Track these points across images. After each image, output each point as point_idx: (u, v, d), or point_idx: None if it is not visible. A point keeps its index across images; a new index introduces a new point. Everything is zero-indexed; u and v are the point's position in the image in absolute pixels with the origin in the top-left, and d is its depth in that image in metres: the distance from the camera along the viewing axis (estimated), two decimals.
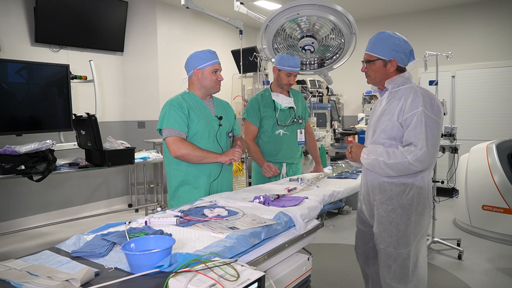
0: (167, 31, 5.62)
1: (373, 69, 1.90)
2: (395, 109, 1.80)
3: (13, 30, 4.35)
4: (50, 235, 4.27)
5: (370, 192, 1.94)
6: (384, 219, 1.85)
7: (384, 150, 1.76)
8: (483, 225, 3.90)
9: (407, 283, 1.83)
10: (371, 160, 1.78)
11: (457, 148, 3.57)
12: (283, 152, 2.81)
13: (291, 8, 2.71)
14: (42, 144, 3.24)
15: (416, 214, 1.81)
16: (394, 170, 1.75)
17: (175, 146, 2.07)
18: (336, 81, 3.64)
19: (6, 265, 1.19)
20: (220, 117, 2.25)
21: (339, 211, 4.84)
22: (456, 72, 5.55)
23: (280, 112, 2.80)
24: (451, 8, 5.97)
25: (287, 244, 1.58)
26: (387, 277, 1.87)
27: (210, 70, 2.17)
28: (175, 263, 1.09)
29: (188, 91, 2.26)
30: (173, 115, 2.11)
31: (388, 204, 1.84)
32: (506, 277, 3.03)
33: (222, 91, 2.31)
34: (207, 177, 2.21)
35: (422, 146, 1.69)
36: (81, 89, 4.93)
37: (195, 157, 2.08)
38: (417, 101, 1.74)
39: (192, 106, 2.17)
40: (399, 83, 1.86)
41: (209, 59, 2.17)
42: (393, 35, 1.87)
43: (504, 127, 5.17)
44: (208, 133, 2.17)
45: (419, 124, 1.71)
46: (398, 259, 1.83)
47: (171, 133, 2.10)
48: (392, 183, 1.83)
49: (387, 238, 1.84)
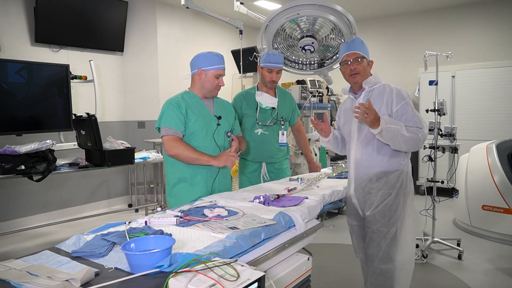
0: (167, 31, 5.62)
1: (363, 66, 2.07)
2: (380, 106, 1.99)
3: (13, 30, 4.35)
4: (50, 235, 4.27)
5: (366, 184, 2.07)
6: (379, 203, 2.03)
7: (403, 125, 1.93)
8: (483, 225, 3.90)
9: (393, 261, 2.02)
10: (393, 129, 1.89)
11: (457, 148, 3.57)
12: (261, 152, 2.81)
13: (291, 8, 2.70)
14: (42, 144, 3.24)
15: (403, 195, 2.05)
16: (407, 144, 1.93)
17: (169, 145, 2.12)
18: (336, 81, 3.63)
19: (6, 265, 1.19)
20: (219, 116, 2.26)
21: (339, 211, 4.84)
22: (456, 72, 5.55)
23: (261, 112, 2.79)
24: (451, 8, 5.97)
25: (287, 244, 1.58)
26: (375, 259, 2.04)
27: (213, 74, 2.19)
28: (175, 263, 1.09)
29: (188, 90, 2.28)
30: (171, 114, 2.14)
31: (384, 189, 2.03)
32: (506, 277, 3.03)
33: (222, 91, 2.31)
34: (205, 175, 2.21)
35: (424, 128, 1.97)
36: (81, 89, 4.93)
37: (187, 157, 2.11)
38: (401, 94, 2.00)
39: (190, 105, 2.19)
40: (373, 82, 2.07)
41: (216, 63, 2.19)
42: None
43: (504, 127, 5.17)
44: (205, 132, 2.19)
45: (415, 111, 1.98)
46: (387, 237, 2.02)
47: (167, 132, 2.13)
48: (388, 172, 2.03)
49: (380, 219, 2.03)
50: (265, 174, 2.85)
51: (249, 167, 2.87)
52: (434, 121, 3.57)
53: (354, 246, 2.31)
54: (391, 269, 2.01)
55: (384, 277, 2.02)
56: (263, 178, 2.85)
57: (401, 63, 6.24)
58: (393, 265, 2.01)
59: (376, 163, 2.03)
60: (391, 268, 2.01)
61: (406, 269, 2.06)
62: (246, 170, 2.89)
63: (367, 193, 2.08)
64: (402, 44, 6.35)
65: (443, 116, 3.62)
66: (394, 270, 2.01)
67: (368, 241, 2.08)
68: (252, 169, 2.86)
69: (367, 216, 2.08)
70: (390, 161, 2.03)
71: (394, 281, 2.02)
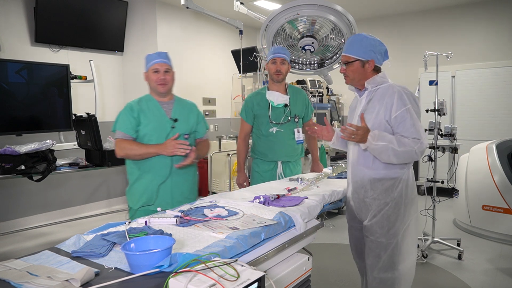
0: (167, 31, 5.62)
1: (351, 70, 1.96)
2: (380, 108, 1.88)
3: (13, 30, 4.35)
4: (50, 235, 4.27)
5: (361, 190, 2.00)
6: (376, 213, 1.94)
7: (394, 138, 1.81)
8: (483, 225, 3.90)
9: (394, 270, 1.94)
10: (380, 146, 1.79)
11: (457, 148, 3.57)
12: (277, 150, 2.79)
13: (291, 8, 2.71)
14: (42, 144, 3.24)
15: (404, 206, 1.93)
16: (400, 158, 1.82)
17: (117, 147, 2.17)
18: (336, 81, 3.64)
19: (6, 265, 1.18)
20: (176, 119, 2.25)
21: (339, 211, 4.84)
22: (456, 72, 5.55)
23: (273, 110, 2.78)
24: (451, 8, 5.97)
25: (287, 244, 1.57)
26: (375, 269, 1.96)
27: (151, 71, 2.23)
28: (175, 263, 1.09)
29: (148, 94, 2.34)
30: (122, 118, 2.20)
31: (380, 198, 1.93)
32: (506, 277, 3.03)
33: (222, 91, 2.32)
34: (150, 179, 2.20)
35: (423, 140, 1.82)
36: (81, 89, 4.93)
37: (136, 155, 2.16)
38: (403, 99, 1.85)
39: (144, 109, 2.22)
40: (378, 82, 1.95)
41: (150, 60, 2.23)
42: (369, 37, 1.95)
43: (504, 127, 5.17)
44: (157, 135, 2.20)
45: (414, 121, 1.84)
46: (388, 248, 1.92)
47: (118, 135, 2.20)
48: (383, 179, 1.92)
49: (378, 229, 1.93)
50: (281, 174, 2.82)
51: (264, 166, 2.84)
52: (434, 121, 3.57)
53: (351, 248, 2.26)
54: (391, 278, 1.95)
55: (385, 286, 1.96)
56: (279, 178, 2.81)
57: (401, 63, 6.24)
58: (393, 274, 1.94)
59: (372, 167, 1.94)
60: (392, 277, 1.95)
61: (407, 278, 2.00)
62: (260, 169, 2.85)
63: (362, 201, 2.00)
64: (402, 44, 6.35)
65: (443, 116, 3.62)
66: (395, 279, 1.95)
67: (367, 250, 2.00)
68: (267, 168, 2.83)
69: (365, 225, 2.00)
70: (387, 168, 1.91)
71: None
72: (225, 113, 6.51)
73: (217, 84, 6.37)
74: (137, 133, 2.20)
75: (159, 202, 2.19)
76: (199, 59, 6.14)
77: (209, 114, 6.31)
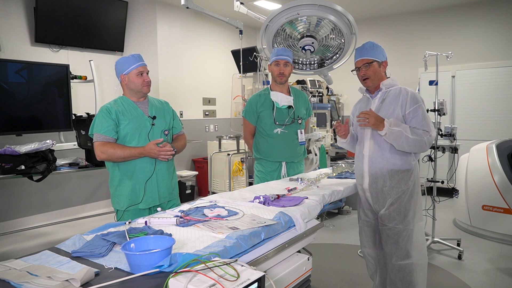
0: (167, 31, 5.62)
1: (372, 70, 2.16)
2: (395, 106, 2.11)
3: (13, 30, 4.35)
4: (50, 235, 4.27)
5: (380, 180, 2.16)
6: (394, 201, 2.13)
7: (407, 127, 2.03)
8: (483, 225, 3.90)
9: (410, 258, 2.12)
10: (397, 131, 2.00)
11: (457, 148, 3.57)
12: (280, 151, 2.81)
13: (291, 8, 2.70)
14: (42, 144, 3.24)
15: (416, 194, 2.17)
16: (411, 146, 2.03)
17: (98, 150, 2.15)
18: (336, 81, 3.64)
19: (6, 265, 1.19)
20: (154, 116, 2.27)
21: (339, 211, 4.84)
22: (456, 72, 5.55)
23: (278, 111, 2.80)
24: (451, 8, 5.97)
25: (287, 244, 1.58)
26: (393, 256, 2.14)
27: (134, 73, 2.24)
28: (175, 263, 1.09)
29: (122, 96, 2.34)
30: (100, 121, 2.19)
31: (397, 187, 2.13)
32: (506, 277, 3.03)
33: (222, 91, 2.32)
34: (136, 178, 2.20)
35: (431, 132, 2.06)
36: (81, 89, 4.93)
37: (119, 158, 2.14)
38: (415, 98, 2.11)
39: (122, 110, 2.23)
40: (390, 85, 2.18)
41: (132, 62, 2.24)
42: (377, 44, 2.19)
43: (504, 127, 5.17)
44: (139, 133, 2.21)
45: (425, 115, 2.09)
46: (405, 234, 2.11)
47: (97, 138, 2.17)
48: (399, 170, 2.13)
49: (396, 216, 2.13)
50: (285, 174, 2.84)
51: (269, 167, 2.86)
52: (434, 121, 3.57)
53: (362, 242, 2.39)
54: (409, 265, 2.12)
55: (404, 273, 2.12)
56: (283, 178, 2.82)
57: (401, 63, 6.24)
58: (410, 261, 2.12)
59: (389, 160, 2.13)
60: (409, 264, 2.12)
61: (422, 264, 2.17)
62: (265, 170, 2.87)
63: (380, 191, 2.16)
64: (402, 44, 6.35)
65: (443, 116, 3.62)
66: (412, 265, 2.12)
67: (385, 238, 2.17)
68: (271, 169, 2.85)
69: (381, 215, 2.17)
70: (402, 160, 2.12)
71: (413, 276, 2.12)
72: (225, 113, 6.50)
73: (217, 84, 6.38)
74: (117, 134, 2.20)
75: (146, 199, 2.20)
76: (199, 59, 6.14)
77: (209, 114, 6.31)
